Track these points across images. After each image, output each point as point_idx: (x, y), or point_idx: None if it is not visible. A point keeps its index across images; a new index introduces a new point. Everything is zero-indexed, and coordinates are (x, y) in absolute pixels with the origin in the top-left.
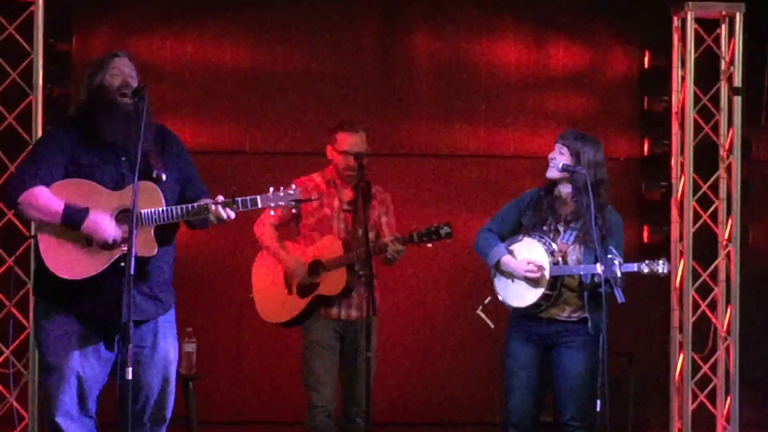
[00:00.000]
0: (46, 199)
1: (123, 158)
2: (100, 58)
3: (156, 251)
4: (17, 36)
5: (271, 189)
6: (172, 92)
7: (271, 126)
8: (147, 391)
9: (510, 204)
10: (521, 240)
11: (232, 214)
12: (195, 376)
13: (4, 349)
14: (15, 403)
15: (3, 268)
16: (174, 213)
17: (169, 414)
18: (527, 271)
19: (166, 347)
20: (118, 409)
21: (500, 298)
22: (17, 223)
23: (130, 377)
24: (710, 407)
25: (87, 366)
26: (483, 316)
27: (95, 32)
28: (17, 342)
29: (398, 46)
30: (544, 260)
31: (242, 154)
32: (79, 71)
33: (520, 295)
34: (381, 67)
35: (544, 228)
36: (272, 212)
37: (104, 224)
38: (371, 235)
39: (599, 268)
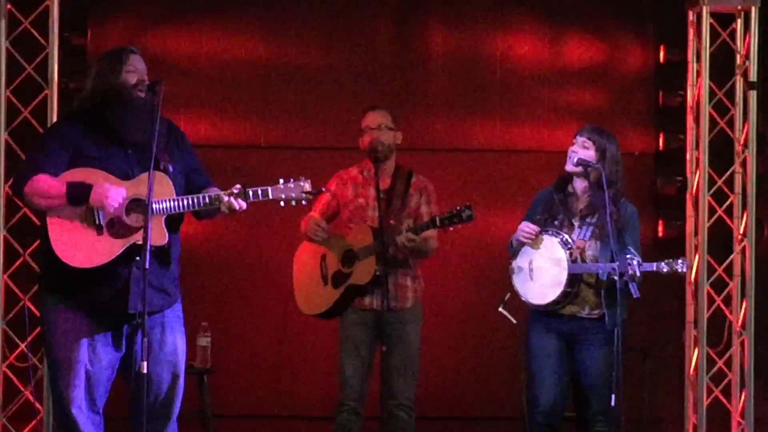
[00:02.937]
0: (49, 183)
1: (130, 150)
2: (115, 54)
3: (167, 241)
4: (32, 30)
5: (281, 180)
6: (186, 86)
7: (286, 120)
8: (157, 387)
9: (526, 215)
10: None
11: (244, 205)
12: (210, 369)
13: (19, 342)
14: (30, 397)
15: (18, 263)
16: (187, 203)
17: (175, 411)
18: (523, 232)
19: (174, 341)
20: (130, 405)
21: (520, 296)
22: (31, 216)
23: (145, 371)
24: (725, 402)
25: (95, 360)
26: (505, 313)
27: (111, 26)
28: (32, 336)
29: (414, 40)
30: (562, 256)
31: (256, 148)
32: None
33: (539, 293)
34: (396, 61)
35: (555, 223)
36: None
37: (112, 191)
38: (408, 223)
39: (616, 265)
